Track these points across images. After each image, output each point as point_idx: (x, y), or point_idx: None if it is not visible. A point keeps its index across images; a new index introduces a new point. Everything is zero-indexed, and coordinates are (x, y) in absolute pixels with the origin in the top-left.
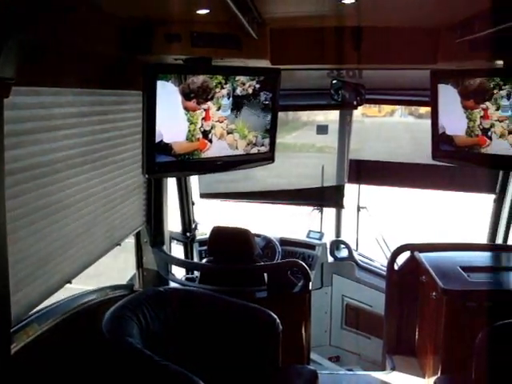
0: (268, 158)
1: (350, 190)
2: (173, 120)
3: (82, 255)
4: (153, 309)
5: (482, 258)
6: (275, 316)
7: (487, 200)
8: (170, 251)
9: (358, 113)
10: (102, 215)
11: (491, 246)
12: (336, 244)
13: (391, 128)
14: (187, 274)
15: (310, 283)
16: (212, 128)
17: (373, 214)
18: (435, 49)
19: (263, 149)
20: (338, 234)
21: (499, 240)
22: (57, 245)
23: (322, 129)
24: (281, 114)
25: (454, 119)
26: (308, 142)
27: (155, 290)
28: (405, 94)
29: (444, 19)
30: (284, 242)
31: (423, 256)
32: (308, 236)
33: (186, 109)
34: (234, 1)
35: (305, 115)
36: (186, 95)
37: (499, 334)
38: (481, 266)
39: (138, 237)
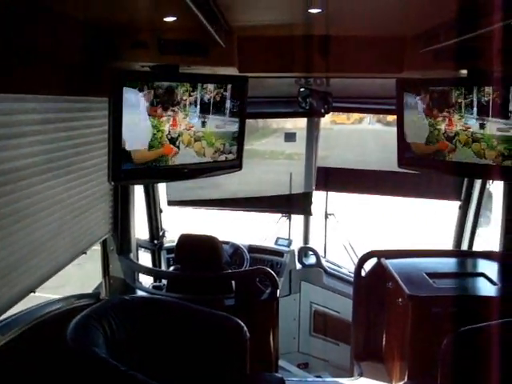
0: (235, 165)
1: (319, 197)
2: (136, 128)
3: (46, 264)
4: (119, 318)
5: (448, 264)
6: (242, 324)
7: (453, 206)
8: (138, 259)
9: (326, 120)
10: (68, 223)
11: (457, 252)
12: (304, 251)
13: (359, 135)
14: (155, 282)
15: (278, 290)
16: (179, 135)
17: (340, 221)
18: (401, 58)
19: (231, 156)
20: (306, 240)
21: (464, 246)
22: (20, 253)
23: (290, 136)
24: (250, 121)
25: (415, 127)
26: (277, 149)
27: (121, 299)
28: (372, 103)
29: (409, 29)
30: (252, 249)
31: (389, 262)
32: (276, 243)
33: (152, 115)
34: (200, 9)
35: (274, 122)
36: (152, 102)
37: (464, 340)
38: (446, 272)
39: (104, 245)
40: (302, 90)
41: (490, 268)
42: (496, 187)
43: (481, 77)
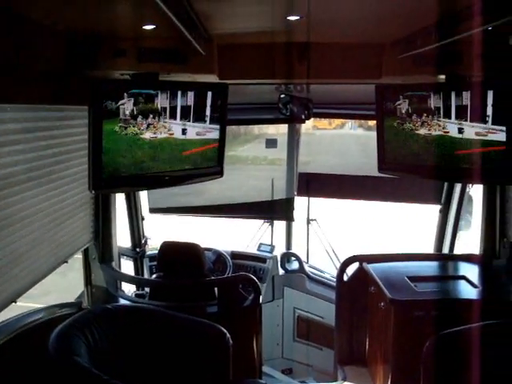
0: (217, 172)
1: (301, 202)
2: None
3: (27, 273)
4: (101, 327)
5: (429, 267)
6: (225, 330)
7: (434, 210)
8: (120, 267)
9: (309, 125)
10: (49, 232)
11: (438, 256)
12: (286, 256)
13: (341, 140)
14: (137, 290)
15: (261, 296)
16: (160, 143)
17: (323, 226)
18: (379, 64)
19: (212, 163)
20: (288, 246)
21: (445, 249)
22: (1, 263)
23: (271, 142)
24: (233, 127)
25: (395, 132)
26: (260, 155)
27: (103, 308)
28: (353, 108)
29: (388, 35)
30: (235, 255)
31: (371, 267)
32: (259, 249)
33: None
34: (178, 17)
35: (257, 128)
36: (132, 110)
37: (446, 343)
38: (428, 276)
39: (86, 253)
40: (282, 96)
41: (471, 271)
42: (476, 191)
43: (459, 82)
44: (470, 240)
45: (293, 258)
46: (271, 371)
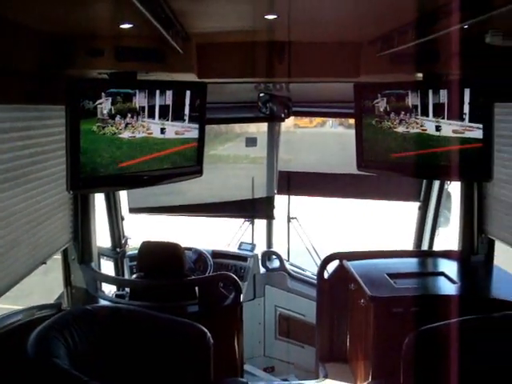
0: (196, 171)
1: (282, 200)
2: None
3: (4, 276)
4: (81, 328)
5: (409, 264)
6: (205, 330)
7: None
8: (100, 268)
9: (289, 124)
10: (26, 233)
11: (417, 252)
12: (267, 255)
13: (322, 138)
14: (118, 290)
15: (242, 295)
16: (139, 142)
17: (303, 224)
18: (358, 63)
19: (191, 162)
20: (269, 245)
21: (425, 246)
22: None
23: (251, 141)
24: (214, 126)
25: (373, 131)
26: (241, 154)
27: (83, 309)
28: (332, 107)
29: (366, 34)
30: (216, 254)
31: (351, 264)
32: (240, 248)
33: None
34: (155, 16)
35: (238, 127)
36: (110, 109)
37: (425, 338)
38: (407, 273)
39: (65, 254)
40: (261, 95)
41: (450, 267)
42: (454, 187)
43: (436, 80)
44: (448, 236)
45: (274, 257)
46: (253, 369)
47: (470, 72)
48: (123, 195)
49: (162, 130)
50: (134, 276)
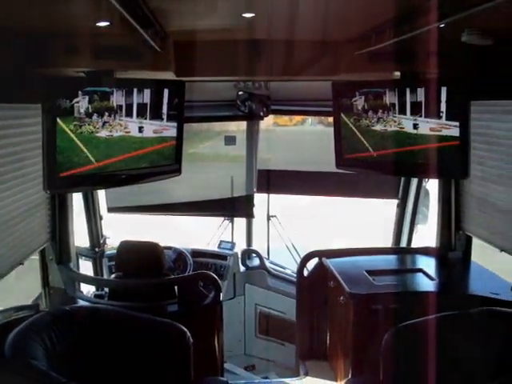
0: (174, 170)
1: (262, 199)
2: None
3: None
4: (59, 329)
5: (387, 261)
6: (185, 329)
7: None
8: (78, 268)
9: (269, 122)
10: (3, 233)
11: (396, 250)
12: (247, 253)
13: (301, 137)
14: (96, 290)
15: (222, 294)
16: (116, 141)
17: (283, 222)
18: (336, 61)
19: (169, 161)
20: (249, 243)
21: (403, 243)
22: None
23: (230, 140)
24: (193, 124)
25: (352, 129)
26: (220, 152)
27: (61, 310)
28: (312, 105)
29: (344, 32)
30: (195, 253)
31: (331, 261)
32: (219, 246)
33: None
34: (132, 14)
35: (217, 125)
36: (87, 108)
37: (404, 335)
38: (386, 270)
39: (42, 254)
40: (240, 93)
41: (428, 264)
42: (432, 185)
43: (413, 78)
44: (426, 233)
45: (253, 255)
46: (234, 368)
47: (446, 70)
48: (101, 194)
49: (140, 129)
50: (113, 276)
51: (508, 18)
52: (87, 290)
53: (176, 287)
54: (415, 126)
